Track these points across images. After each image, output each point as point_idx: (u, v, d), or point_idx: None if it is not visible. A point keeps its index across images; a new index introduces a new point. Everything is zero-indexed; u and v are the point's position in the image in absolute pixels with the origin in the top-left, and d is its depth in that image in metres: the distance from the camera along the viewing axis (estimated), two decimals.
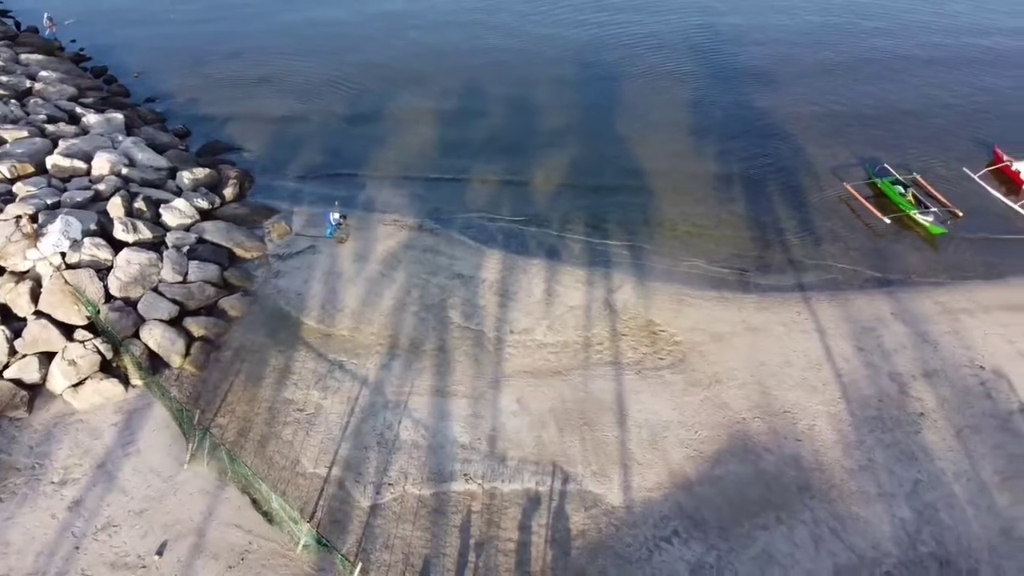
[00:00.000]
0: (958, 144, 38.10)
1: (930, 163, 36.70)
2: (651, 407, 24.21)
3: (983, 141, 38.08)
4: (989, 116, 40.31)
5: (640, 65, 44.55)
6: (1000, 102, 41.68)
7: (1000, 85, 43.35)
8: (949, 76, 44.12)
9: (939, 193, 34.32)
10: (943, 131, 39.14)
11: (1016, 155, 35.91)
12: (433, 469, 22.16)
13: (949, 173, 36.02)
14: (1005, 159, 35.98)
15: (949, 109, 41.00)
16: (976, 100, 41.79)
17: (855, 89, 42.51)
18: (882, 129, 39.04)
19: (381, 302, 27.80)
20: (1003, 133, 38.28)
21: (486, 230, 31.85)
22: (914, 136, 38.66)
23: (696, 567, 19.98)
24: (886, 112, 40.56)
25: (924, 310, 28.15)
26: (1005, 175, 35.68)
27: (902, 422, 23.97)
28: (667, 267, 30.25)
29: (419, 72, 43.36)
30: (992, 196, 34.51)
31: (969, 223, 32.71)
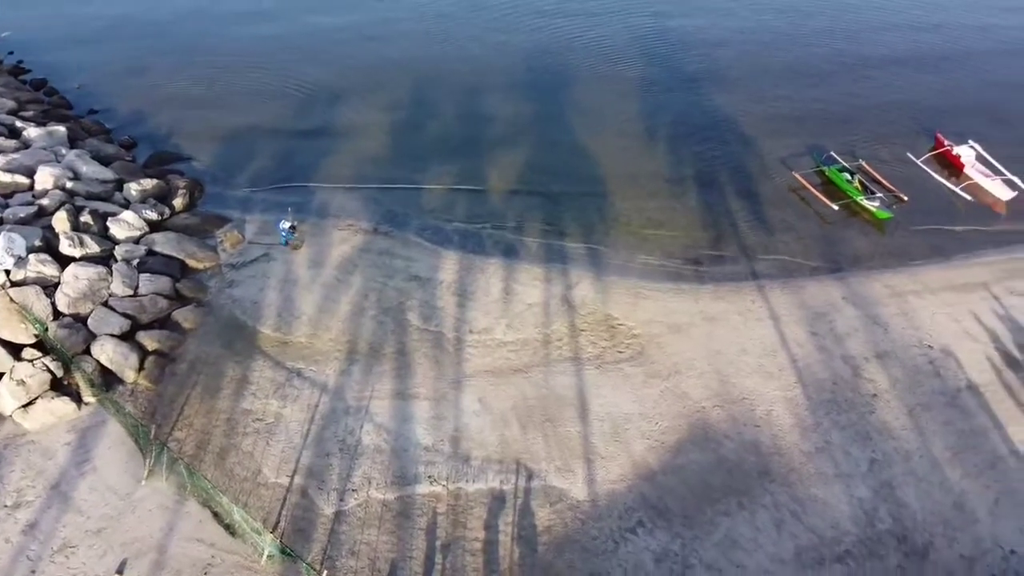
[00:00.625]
0: (901, 131, 39.05)
1: (875, 150, 37.56)
2: (612, 400, 24.40)
3: (925, 127, 39.07)
4: (930, 104, 41.35)
5: (589, 67, 44.72)
6: (940, 90, 42.79)
7: (940, 74, 44.48)
8: (891, 67, 45.12)
9: (884, 179, 35.14)
10: (887, 119, 40.06)
11: (957, 140, 36.92)
12: (397, 473, 22.06)
13: (893, 159, 36.90)
14: (946, 144, 36.96)
15: (892, 98, 41.96)
16: (917, 89, 42.84)
17: (800, 82, 43.25)
18: (828, 119, 39.82)
19: (338, 307, 27.59)
20: (944, 119, 39.32)
21: (442, 232, 31.80)
22: (859, 124, 39.50)
23: (661, 556, 20.19)
24: (831, 102, 41.36)
25: (874, 293, 28.80)
26: (947, 159, 36.65)
27: (856, 404, 24.50)
28: (623, 261, 30.51)
29: (369, 81, 42.88)
30: (935, 180, 35.43)
31: (914, 207, 33.55)
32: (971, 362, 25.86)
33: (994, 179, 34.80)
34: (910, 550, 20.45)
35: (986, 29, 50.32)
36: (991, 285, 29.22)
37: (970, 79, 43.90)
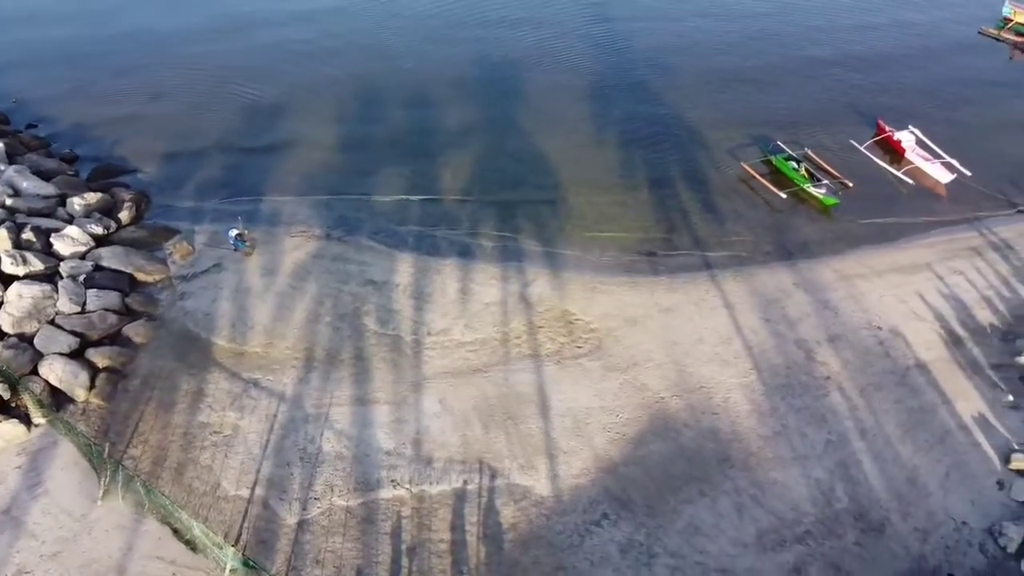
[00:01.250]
0: (844, 119, 39.91)
1: (820, 138, 38.31)
2: (572, 395, 24.54)
3: (867, 114, 39.99)
4: (871, 91, 42.34)
5: (536, 72, 44.55)
6: (880, 78, 43.83)
7: (879, 63, 45.54)
8: (832, 57, 46.06)
9: (830, 166, 35.90)
10: (830, 108, 40.93)
11: (897, 126, 37.88)
12: (359, 478, 21.91)
13: (838, 146, 37.71)
14: (887, 130, 37.89)
15: (834, 87, 42.87)
16: (858, 77, 43.81)
17: (745, 74, 43.92)
18: (773, 110, 40.52)
19: (293, 315, 27.29)
20: (884, 106, 40.30)
21: (396, 234, 31.63)
22: (803, 114, 40.28)
23: (626, 547, 20.38)
24: (776, 94, 42.08)
25: (823, 278, 29.42)
26: (888, 145, 37.58)
27: (810, 387, 25.01)
28: (578, 257, 30.70)
29: (317, 93, 42.05)
30: (878, 165, 36.31)
31: (859, 192, 34.34)
32: (918, 341, 26.57)
33: (934, 163, 35.78)
34: (867, 526, 20.95)
35: (919, 22, 51.64)
36: (934, 265, 30.06)
37: (908, 68, 45.04)
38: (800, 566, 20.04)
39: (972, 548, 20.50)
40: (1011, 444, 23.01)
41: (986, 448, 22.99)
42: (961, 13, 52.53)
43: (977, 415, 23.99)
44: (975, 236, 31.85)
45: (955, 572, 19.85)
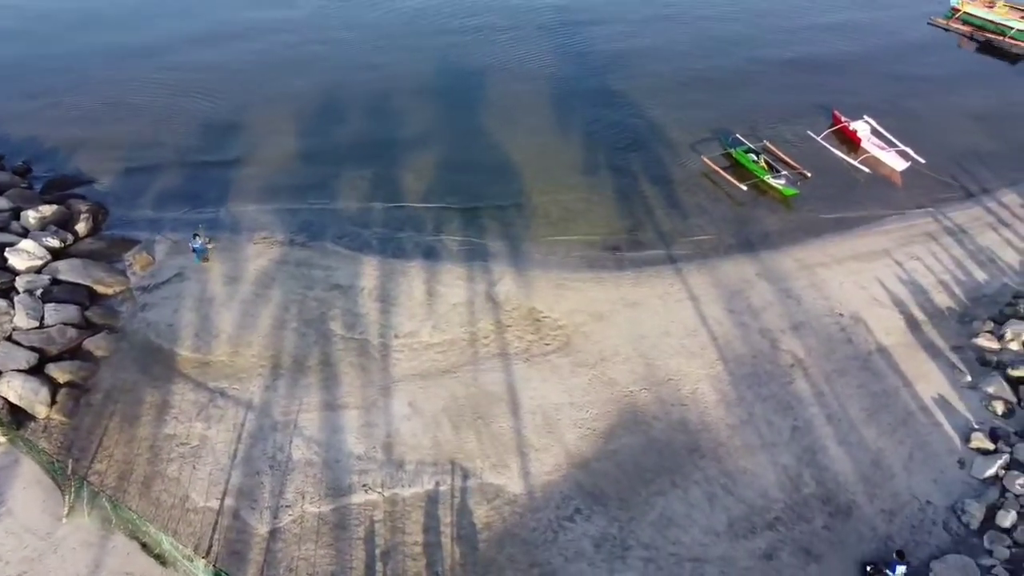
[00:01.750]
0: (801, 110, 40.48)
1: (778, 130, 38.82)
2: (542, 392, 24.61)
3: (823, 105, 40.61)
4: (826, 83, 42.94)
5: (498, 72, 44.53)
6: (835, 70, 44.46)
7: (834, 55, 46.23)
8: (788, 51, 46.60)
9: (788, 157, 36.42)
10: (787, 100, 41.46)
11: (852, 116, 38.54)
12: (330, 484, 21.75)
13: (795, 138, 38.25)
14: (843, 120, 38.55)
15: (790, 80, 43.44)
16: (813, 70, 44.41)
17: (702, 72, 44.24)
18: (731, 104, 40.93)
19: (259, 322, 27.00)
20: (840, 97, 40.93)
21: (360, 238, 31.43)
22: (761, 107, 40.76)
23: (600, 540, 20.49)
24: (734, 88, 42.54)
25: (785, 268, 29.84)
26: (844, 135, 38.23)
27: (776, 375, 25.36)
28: (544, 254, 30.79)
29: (276, 100, 41.45)
30: (835, 155, 36.91)
31: (817, 182, 34.89)
32: (879, 326, 27.08)
33: (889, 151, 36.47)
34: (835, 510, 21.31)
35: (871, 15, 52.53)
36: (892, 252, 30.64)
37: (861, 59, 45.80)
38: (771, 551, 20.32)
39: (936, 526, 20.94)
40: (971, 424, 23.56)
41: (947, 428, 23.51)
42: (911, 4, 53.55)
43: (937, 397, 24.52)
44: (930, 222, 32.53)
45: (919, 551, 20.25)
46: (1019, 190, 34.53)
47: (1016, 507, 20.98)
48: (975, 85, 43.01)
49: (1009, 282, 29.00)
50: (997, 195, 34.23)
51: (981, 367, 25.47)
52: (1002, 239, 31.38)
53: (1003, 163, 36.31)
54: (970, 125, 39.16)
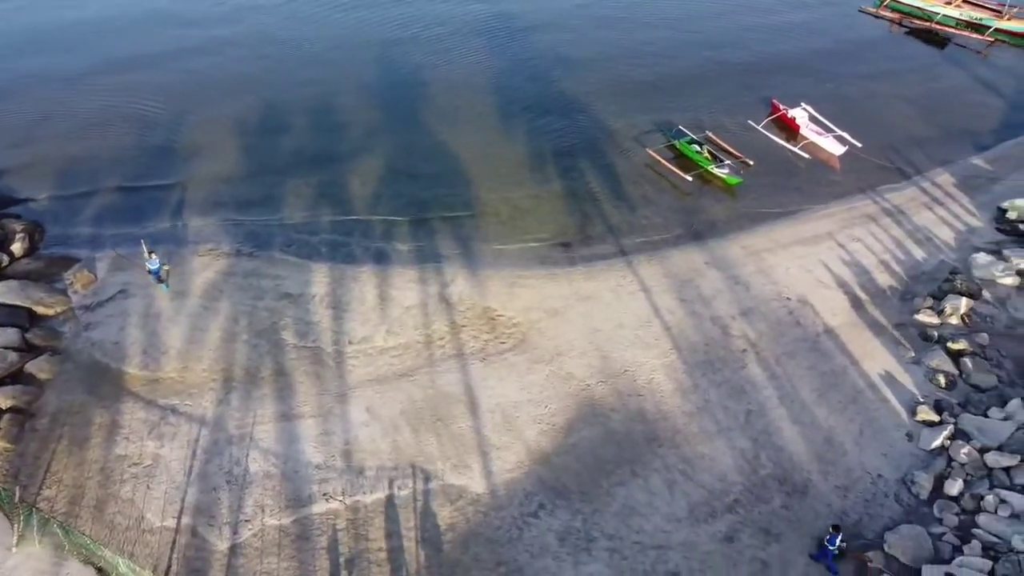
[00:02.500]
0: (741, 100, 41.18)
1: (719, 120, 39.42)
2: (500, 391, 24.64)
3: (761, 95, 41.38)
4: (764, 73, 43.69)
5: (437, 71, 44.18)
6: (772, 60, 45.25)
7: (770, 46, 47.03)
8: (726, 43, 47.22)
9: (731, 146, 37.03)
10: (727, 91, 42.10)
11: (790, 104, 39.37)
12: (290, 496, 21.47)
13: (737, 127, 38.88)
14: (781, 108, 39.35)
15: (729, 71, 44.08)
16: (751, 61, 45.16)
17: (643, 66, 44.56)
18: (673, 96, 41.39)
19: (208, 336, 26.49)
20: (778, 86, 41.72)
21: (308, 244, 31.03)
22: (702, 98, 41.31)
23: (564, 534, 20.62)
24: (674, 81, 42.98)
25: (733, 255, 30.36)
26: (783, 123, 39.03)
27: (729, 361, 25.80)
28: (496, 253, 30.81)
29: (217, 107, 40.65)
30: (776, 143, 37.66)
31: (760, 170, 35.54)
32: (825, 308, 27.74)
33: (827, 137, 37.35)
34: (791, 489, 21.78)
35: (805, 4, 53.66)
36: (835, 234, 31.41)
37: (797, 48, 46.71)
38: (732, 534, 20.68)
39: (888, 499, 21.55)
40: (916, 397, 24.30)
41: (894, 403, 24.21)
42: None
43: (884, 373, 25.22)
44: (869, 204, 33.42)
45: (873, 523, 20.82)
46: (951, 170, 35.67)
47: (962, 475, 21.70)
48: (906, 70, 44.28)
49: (946, 259, 29.95)
50: (930, 176, 35.31)
51: (923, 342, 26.27)
52: (937, 218, 32.40)
53: (935, 145, 37.48)
54: (903, 109, 40.34)
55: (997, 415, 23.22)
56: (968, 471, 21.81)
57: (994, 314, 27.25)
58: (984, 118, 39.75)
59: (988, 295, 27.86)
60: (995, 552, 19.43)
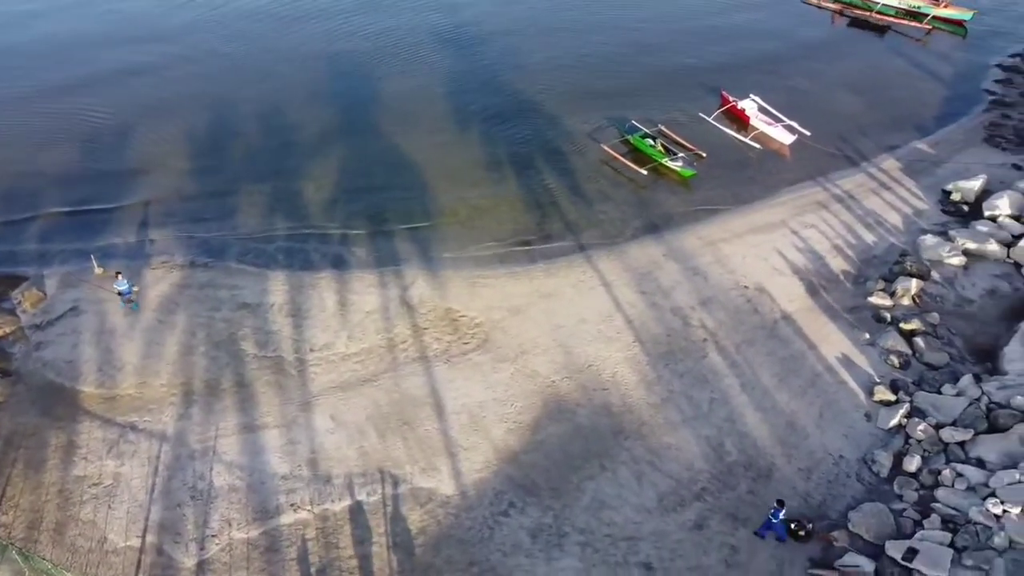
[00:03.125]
0: (691, 93, 41.61)
1: (671, 114, 39.79)
2: (465, 391, 24.60)
3: (711, 87, 41.89)
4: (712, 65, 44.20)
5: (392, 74, 43.66)
6: (719, 52, 45.74)
7: (716, 39, 47.52)
8: (674, 38, 47.66)
9: (683, 139, 37.45)
10: (677, 84, 42.50)
11: (740, 95, 39.94)
12: (257, 508, 21.18)
13: (688, 120, 39.30)
14: (731, 100, 39.88)
15: (678, 65, 44.51)
16: (699, 53, 45.65)
17: (594, 63, 44.68)
18: (624, 91, 41.61)
19: (165, 350, 25.98)
20: (726, 78, 42.27)
21: (264, 253, 30.60)
22: (654, 93, 41.64)
23: (536, 531, 20.68)
24: (626, 76, 43.23)
25: (689, 246, 30.72)
26: (733, 114, 39.58)
27: (690, 351, 26.11)
28: (455, 254, 30.73)
29: (163, 112, 39.71)
30: (727, 134, 38.19)
31: (713, 161, 36.03)
32: (781, 295, 28.23)
33: (776, 126, 37.99)
34: (757, 474, 22.13)
35: None
36: (788, 222, 31.97)
37: (743, 40, 47.28)
38: (701, 521, 20.95)
39: (850, 479, 22.03)
40: (872, 378, 24.86)
41: (852, 385, 24.75)
42: None
43: (841, 356, 25.76)
44: (820, 191, 34.08)
45: (836, 503, 21.26)
46: (896, 155, 36.56)
47: (920, 452, 22.28)
48: (849, 59, 45.23)
49: (895, 242, 30.70)
50: (877, 161, 36.14)
51: (877, 324, 26.89)
52: (885, 202, 33.18)
53: (880, 131, 38.36)
54: (848, 97, 41.20)
55: (950, 391, 23.87)
56: (925, 447, 22.39)
57: (943, 294, 28.01)
58: (925, 104, 40.82)
59: (937, 275, 28.62)
60: (954, 524, 19.95)
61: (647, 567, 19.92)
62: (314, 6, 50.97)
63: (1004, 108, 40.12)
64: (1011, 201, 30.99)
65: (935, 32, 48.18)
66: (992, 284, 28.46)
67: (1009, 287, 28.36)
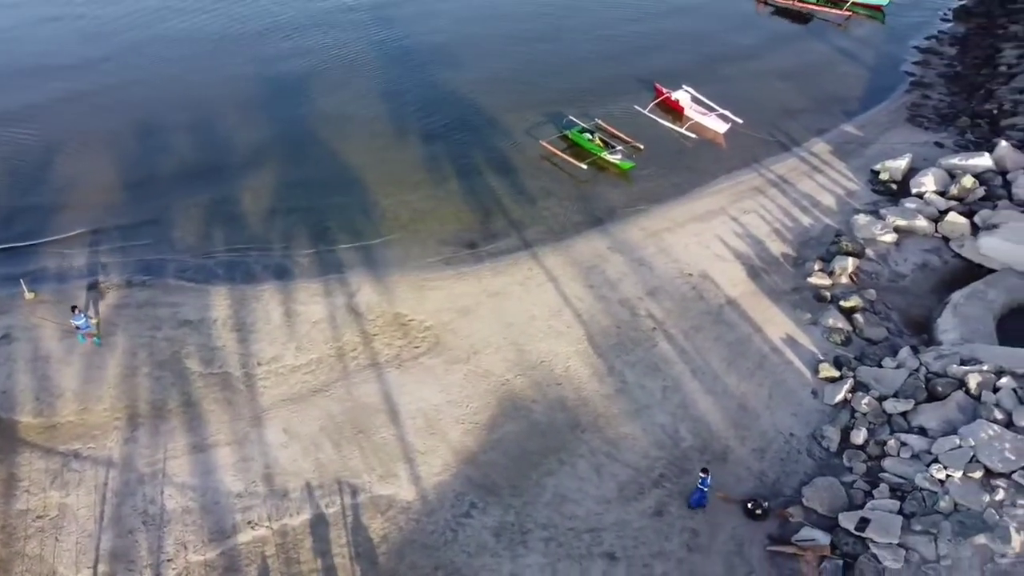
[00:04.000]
0: (625, 86, 42.10)
1: (607, 107, 40.17)
2: (419, 395, 24.43)
3: (644, 80, 42.44)
4: (644, 58, 44.74)
5: (325, 76, 43.18)
6: (649, 44, 46.40)
7: (646, 31, 48.18)
8: (605, 32, 48.05)
9: (621, 132, 37.86)
10: (611, 78, 42.92)
11: (673, 87, 40.56)
12: (213, 529, 20.66)
13: (624, 113, 39.73)
14: (665, 91, 40.49)
15: (611, 59, 44.92)
16: (630, 47, 46.19)
17: (528, 59, 44.89)
18: (561, 87, 41.89)
19: (106, 373, 25.13)
20: (658, 70, 42.86)
21: (204, 268, 29.86)
22: (589, 87, 41.98)
23: (499, 530, 20.66)
24: (560, 72, 43.52)
25: (633, 238, 31.09)
26: (668, 105, 40.19)
27: (640, 340, 26.41)
28: (400, 257, 30.51)
29: (83, 122, 38.68)
30: (663, 125, 38.77)
31: (650, 153, 36.51)
32: (725, 280, 28.78)
33: (710, 116, 38.71)
34: (712, 457, 22.51)
35: None
36: (727, 209, 32.62)
37: (672, 32, 48.08)
38: (661, 508, 21.21)
39: (801, 455, 22.60)
40: (817, 356, 25.53)
41: (797, 364, 25.37)
42: None
43: (785, 336, 26.39)
44: (756, 177, 34.86)
45: (790, 480, 21.79)
46: (826, 138, 37.66)
47: (865, 424, 22.96)
48: (775, 47, 46.35)
49: (830, 222, 31.59)
50: (808, 145, 37.13)
51: (818, 303, 27.62)
52: (818, 184, 34.12)
53: (809, 115, 39.47)
54: (776, 84, 42.25)
55: (890, 364, 24.68)
56: (870, 420, 23.08)
57: (878, 270, 28.94)
58: (850, 87, 42.14)
59: (871, 253, 29.55)
60: (902, 492, 20.63)
61: (611, 557, 20.09)
62: (244, 27, 49.59)
63: (923, 89, 41.66)
64: (936, 178, 32.19)
65: (855, 18, 49.69)
66: (923, 258, 29.52)
67: (938, 260, 29.47)
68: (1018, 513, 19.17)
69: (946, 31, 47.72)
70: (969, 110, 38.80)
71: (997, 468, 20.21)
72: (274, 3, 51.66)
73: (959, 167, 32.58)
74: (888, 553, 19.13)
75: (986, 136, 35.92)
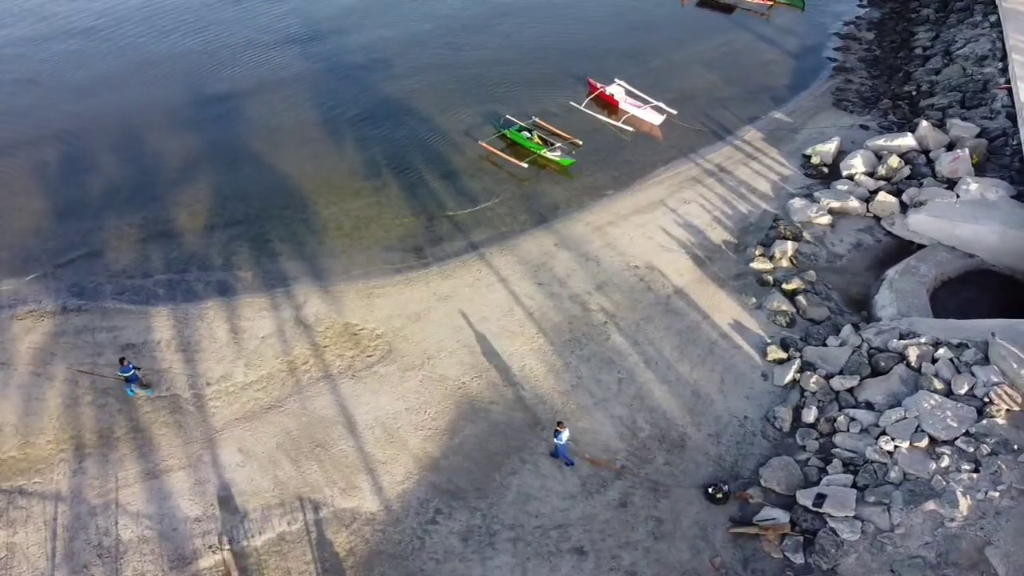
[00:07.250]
0: (559, 83, 42.37)
1: (543, 105, 40.34)
2: (376, 405, 24.21)
3: (577, 76, 42.80)
4: (574, 55, 45.09)
5: (252, 85, 42.37)
6: (578, 41, 46.77)
7: (574, 28, 48.58)
8: (530, 30, 48.26)
9: (559, 129, 38.09)
10: (544, 76, 43.13)
11: (606, 81, 41.02)
12: (172, 556, 20.12)
13: (560, 110, 39.99)
14: (598, 87, 40.89)
15: (542, 56, 45.13)
16: (559, 44, 46.43)
17: (460, 58, 44.96)
18: (495, 87, 41.97)
19: (46, 405, 24.19)
20: (591, 65, 43.28)
21: (143, 289, 28.94)
22: (522, 86, 42.10)
23: (467, 534, 20.63)
24: (492, 71, 43.55)
25: (579, 233, 31.35)
26: (603, 100, 40.60)
27: (593, 335, 26.66)
28: (346, 266, 30.13)
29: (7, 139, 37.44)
30: (600, 120, 39.14)
31: (589, 148, 36.85)
32: (670, 270, 29.26)
33: (645, 108, 39.26)
34: (671, 446, 22.90)
35: None
36: (667, 200, 33.15)
37: (600, 27, 48.57)
38: (624, 499, 21.48)
39: (756, 437, 23.14)
40: (764, 339, 26.17)
41: (746, 348, 25.97)
42: None
43: (733, 322, 26.98)
44: (693, 167, 35.51)
45: (748, 462, 22.31)
46: (758, 126, 38.58)
47: (815, 403, 23.62)
48: (702, 38, 47.21)
49: (768, 208, 32.41)
50: (740, 133, 38.00)
51: (761, 287, 28.31)
52: (753, 171, 34.95)
53: (740, 104, 40.36)
54: (706, 74, 43.10)
55: (834, 343, 25.45)
56: (819, 398, 23.76)
57: (816, 252, 29.80)
58: (776, 75, 43.26)
59: (808, 235, 30.42)
60: (854, 466, 21.32)
61: (579, 551, 20.26)
62: (163, 44, 48.31)
63: (846, 73, 43.06)
64: (864, 159, 33.30)
65: (776, 7, 50.97)
66: (857, 238, 30.52)
67: (872, 239, 30.51)
68: (963, 478, 19.99)
69: (863, 17, 49.40)
70: (890, 92, 40.27)
71: (941, 436, 21.03)
72: (195, 16, 50.36)
73: (885, 148, 33.80)
74: (845, 526, 19.75)
75: (907, 117, 37.35)
